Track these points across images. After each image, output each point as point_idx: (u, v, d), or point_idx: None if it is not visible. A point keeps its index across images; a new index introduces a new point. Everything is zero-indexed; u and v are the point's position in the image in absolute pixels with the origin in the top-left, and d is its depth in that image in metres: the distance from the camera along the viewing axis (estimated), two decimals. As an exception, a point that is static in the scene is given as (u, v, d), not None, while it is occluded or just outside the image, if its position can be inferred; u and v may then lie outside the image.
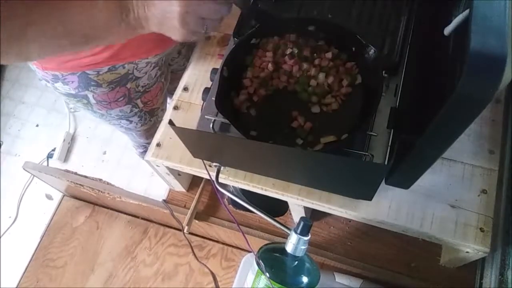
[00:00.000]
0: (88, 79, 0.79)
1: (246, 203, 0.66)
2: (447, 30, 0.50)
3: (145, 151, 0.99)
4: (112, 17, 0.52)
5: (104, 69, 0.78)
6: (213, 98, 0.65)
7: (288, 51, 0.69)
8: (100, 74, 0.79)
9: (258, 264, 0.59)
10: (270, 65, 0.68)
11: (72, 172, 1.04)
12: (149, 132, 1.05)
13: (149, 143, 0.81)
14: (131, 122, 0.97)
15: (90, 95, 0.83)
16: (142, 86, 0.88)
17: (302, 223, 0.58)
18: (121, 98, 0.87)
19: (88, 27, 0.52)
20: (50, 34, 0.51)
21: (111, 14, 0.52)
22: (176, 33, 0.55)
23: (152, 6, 0.53)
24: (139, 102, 0.91)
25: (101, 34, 0.54)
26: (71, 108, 2.03)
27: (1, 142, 2.05)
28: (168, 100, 1.12)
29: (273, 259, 0.60)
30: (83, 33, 0.53)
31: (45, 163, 1.92)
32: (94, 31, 0.53)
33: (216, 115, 0.71)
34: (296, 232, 0.58)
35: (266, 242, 0.72)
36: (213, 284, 0.98)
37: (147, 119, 0.99)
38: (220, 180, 0.71)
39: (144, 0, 0.53)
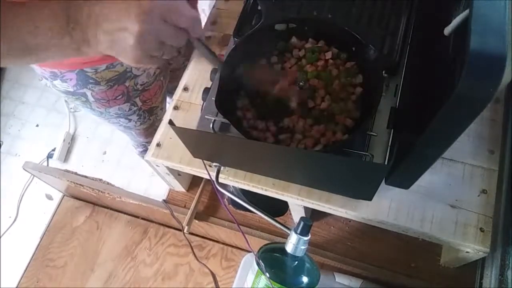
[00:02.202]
0: (86, 77, 0.79)
1: (246, 203, 0.66)
2: (447, 30, 0.50)
3: (144, 151, 1.00)
4: (56, 26, 0.47)
5: (102, 67, 0.78)
6: (213, 98, 0.64)
7: (293, 60, 0.70)
8: (98, 72, 0.79)
9: (258, 264, 0.59)
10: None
11: (72, 172, 1.04)
12: (148, 131, 1.05)
13: (148, 142, 0.81)
14: (130, 120, 0.97)
15: (88, 93, 0.83)
16: (141, 85, 0.88)
17: (302, 223, 0.58)
18: (120, 96, 0.87)
19: (28, 33, 0.47)
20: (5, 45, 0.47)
21: (55, 23, 0.47)
22: (128, 54, 0.48)
23: (106, 20, 0.46)
24: (138, 100, 0.91)
25: (42, 45, 0.48)
26: (71, 108, 2.03)
27: (1, 142, 2.05)
28: (168, 99, 1.12)
29: (273, 259, 0.60)
30: (23, 40, 0.47)
31: (45, 163, 1.92)
32: (35, 40, 0.48)
33: (216, 115, 0.71)
34: (296, 232, 0.58)
35: (266, 242, 0.72)
36: (213, 284, 0.98)
37: (146, 117, 0.99)
38: (220, 180, 0.71)
39: (95, 11, 0.46)
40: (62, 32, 0.47)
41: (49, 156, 1.94)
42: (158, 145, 0.78)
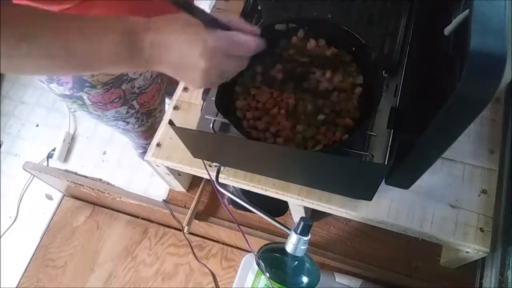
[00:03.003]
0: (82, 80, 0.79)
1: (246, 203, 0.66)
2: (447, 30, 0.50)
3: (144, 152, 0.99)
4: (119, 54, 0.47)
5: None
6: (213, 98, 0.64)
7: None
8: (94, 75, 0.78)
9: (258, 264, 0.59)
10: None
11: (72, 172, 1.04)
12: (147, 133, 1.05)
13: (148, 144, 0.81)
14: (128, 123, 0.97)
15: (85, 96, 0.83)
16: (138, 87, 0.88)
17: (302, 223, 0.58)
18: (117, 99, 0.86)
19: (91, 57, 0.48)
20: (50, 53, 0.46)
21: (118, 51, 0.47)
22: (192, 83, 0.51)
23: (169, 50, 0.47)
24: (135, 103, 0.91)
25: (105, 67, 0.50)
26: (71, 108, 2.03)
27: (1, 142, 2.05)
28: (168, 101, 1.12)
29: (273, 259, 0.60)
30: (85, 61, 0.48)
31: (45, 163, 1.92)
32: (97, 63, 0.49)
33: (216, 115, 0.71)
34: (296, 232, 0.58)
35: (266, 242, 0.72)
36: (213, 284, 0.98)
37: (144, 120, 0.99)
38: (220, 180, 0.71)
39: (158, 40, 0.46)
40: (126, 57, 0.47)
41: (49, 156, 1.94)
42: (158, 145, 0.78)
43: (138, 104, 0.92)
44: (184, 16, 0.47)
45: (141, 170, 1.83)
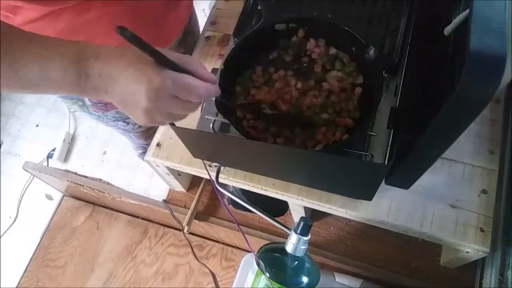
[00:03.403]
0: None
1: (246, 203, 0.66)
2: (447, 30, 0.50)
3: (144, 152, 0.99)
4: (66, 77, 0.46)
5: None
6: (213, 98, 0.64)
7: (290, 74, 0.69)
8: None
9: (258, 264, 0.59)
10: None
11: (72, 172, 1.04)
12: (147, 133, 1.05)
13: (148, 144, 0.81)
14: (128, 123, 0.97)
15: (85, 97, 0.83)
16: None
17: (302, 223, 0.58)
18: None
19: (38, 81, 0.47)
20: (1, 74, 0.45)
21: (66, 74, 0.46)
22: (136, 119, 0.49)
23: (115, 82, 0.45)
24: None
25: (53, 90, 0.49)
26: (71, 109, 2.03)
27: (1, 142, 2.05)
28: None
29: (273, 259, 0.60)
30: (34, 83, 0.47)
31: (45, 163, 1.92)
32: (45, 86, 0.48)
33: (216, 115, 0.71)
34: (296, 232, 0.58)
35: (266, 242, 0.72)
36: (213, 284, 0.98)
37: None
38: (220, 180, 0.71)
39: (106, 70, 0.45)
40: (73, 83, 0.47)
41: (49, 156, 1.94)
42: (158, 145, 0.78)
43: None
44: (138, 50, 0.44)
45: (141, 170, 1.83)
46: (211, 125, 0.71)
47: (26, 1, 0.60)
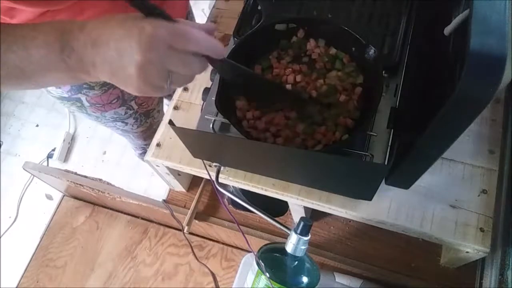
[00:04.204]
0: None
1: (246, 203, 0.66)
2: (447, 30, 0.50)
3: (144, 153, 0.99)
4: (50, 54, 0.43)
5: None
6: (213, 98, 0.64)
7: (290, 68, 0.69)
8: None
9: (258, 264, 0.59)
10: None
11: (72, 172, 1.04)
12: (146, 134, 1.05)
13: (147, 145, 0.81)
14: (126, 124, 0.97)
15: (83, 98, 0.83)
16: None
17: (302, 223, 0.58)
18: (115, 100, 0.86)
19: (23, 60, 0.43)
20: None
21: (49, 51, 0.43)
22: (130, 85, 0.43)
23: (103, 47, 0.41)
24: (133, 103, 0.91)
25: (38, 72, 0.45)
26: (69, 110, 2.03)
27: (1, 142, 2.05)
28: (166, 101, 1.12)
29: (273, 259, 0.60)
30: (19, 66, 0.44)
31: (45, 163, 1.92)
32: (30, 67, 0.44)
33: (216, 115, 0.71)
34: (296, 232, 0.58)
35: (266, 242, 0.72)
36: (213, 284, 0.98)
37: (142, 120, 0.99)
38: (220, 180, 0.71)
39: (92, 39, 0.42)
40: (57, 60, 0.43)
41: (49, 156, 1.94)
42: (158, 145, 0.78)
43: (137, 105, 0.92)
44: (121, 14, 0.42)
45: (141, 170, 1.83)
46: (211, 125, 0.71)
47: (20, 3, 0.60)
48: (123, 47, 0.41)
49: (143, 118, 0.98)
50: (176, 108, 0.81)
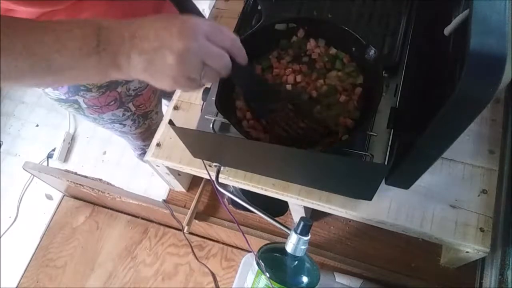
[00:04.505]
0: (77, 84, 0.78)
1: (246, 203, 0.66)
2: (447, 30, 0.50)
3: (143, 154, 0.99)
4: (85, 47, 0.43)
5: None
6: (213, 98, 0.64)
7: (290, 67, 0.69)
8: None
9: (258, 264, 0.59)
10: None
11: (72, 172, 1.04)
12: (144, 135, 1.05)
13: (146, 146, 0.81)
14: (124, 125, 0.96)
15: (80, 100, 0.83)
16: (133, 90, 0.88)
17: (302, 223, 0.58)
18: (112, 102, 0.86)
19: (53, 53, 0.43)
20: (7, 51, 0.42)
21: (85, 43, 0.43)
22: (165, 75, 0.44)
23: (142, 39, 0.43)
24: (131, 105, 0.91)
25: (67, 66, 0.44)
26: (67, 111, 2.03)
27: (1, 142, 2.05)
28: (165, 102, 1.12)
29: (273, 259, 0.60)
30: (48, 58, 0.43)
31: (45, 163, 1.92)
32: (60, 59, 0.44)
33: (216, 115, 0.71)
34: (296, 232, 0.58)
35: (266, 242, 0.72)
36: (213, 284, 0.98)
37: (140, 122, 0.98)
38: (220, 180, 0.71)
39: (131, 32, 0.43)
40: (91, 53, 0.43)
41: (49, 156, 1.94)
42: (158, 145, 0.78)
43: (134, 107, 0.92)
44: (156, 14, 0.44)
45: (141, 170, 1.83)
46: (211, 125, 0.71)
47: (20, 3, 0.60)
48: (164, 36, 0.42)
49: (141, 119, 0.98)
50: (176, 108, 0.81)
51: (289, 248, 0.59)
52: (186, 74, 0.44)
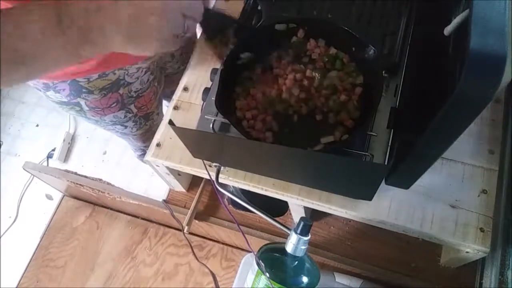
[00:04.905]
0: (79, 86, 0.78)
1: (246, 203, 0.66)
2: (447, 30, 0.50)
3: (143, 154, 0.99)
4: (47, 28, 0.41)
5: (95, 76, 0.77)
6: (213, 98, 0.64)
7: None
8: (90, 81, 0.78)
9: (258, 264, 0.59)
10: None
11: (72, 172, 1.04)
12: (145, 136, 1.05)
13: (146, 147, 0.81)
14: (126, 127, 0.96)
15: (82, 102, 0.83)
16: (135, 91, 0.88)
17: (302, 223, 0.58)
18: (114, 104, 0.86)
19: (17, 38, 0.41)
20: None
21: (46, 24, 0.41)
22: (153, 41, 0.43)
23: (112, 9, 0.41)
24: (132, 107, 0.91)
25: (34, 50, 0.42)
26: (68, 114, 2.03)
27: (1, 142, 2.05)
28: (165, 103, 1.12)
29: (273, 259, 0.60)
30: (13, 47, 0.41)
31: (45, 163, 1.92)
32: (26, 45, 0.41)
33: (216, 115, 0.71)
34: (296, 232, 0.58)
35: (266, 242, 0.72)
36: (213, 284, 0.98)
37: (142, 123, 0.98)
38: (220, 180, 0.71)
39: (95, 4, 0.41)
40: (56, 33, 0.41)
41: (49, 156, 1.94)
42: (158, 145, 0.78)
43: (136, 108, 0.92)
44: None
45: (141, 170, 1.83)
46: (211, 125, 0.71)
47: (17, 3, 0.60)
48: (142, 2, 0.41)
49: (142, 121, 0.98)
50: (176, 108, 0.81)
51: (289, 248, 0.59)
52: (169, 32, 0.44)
